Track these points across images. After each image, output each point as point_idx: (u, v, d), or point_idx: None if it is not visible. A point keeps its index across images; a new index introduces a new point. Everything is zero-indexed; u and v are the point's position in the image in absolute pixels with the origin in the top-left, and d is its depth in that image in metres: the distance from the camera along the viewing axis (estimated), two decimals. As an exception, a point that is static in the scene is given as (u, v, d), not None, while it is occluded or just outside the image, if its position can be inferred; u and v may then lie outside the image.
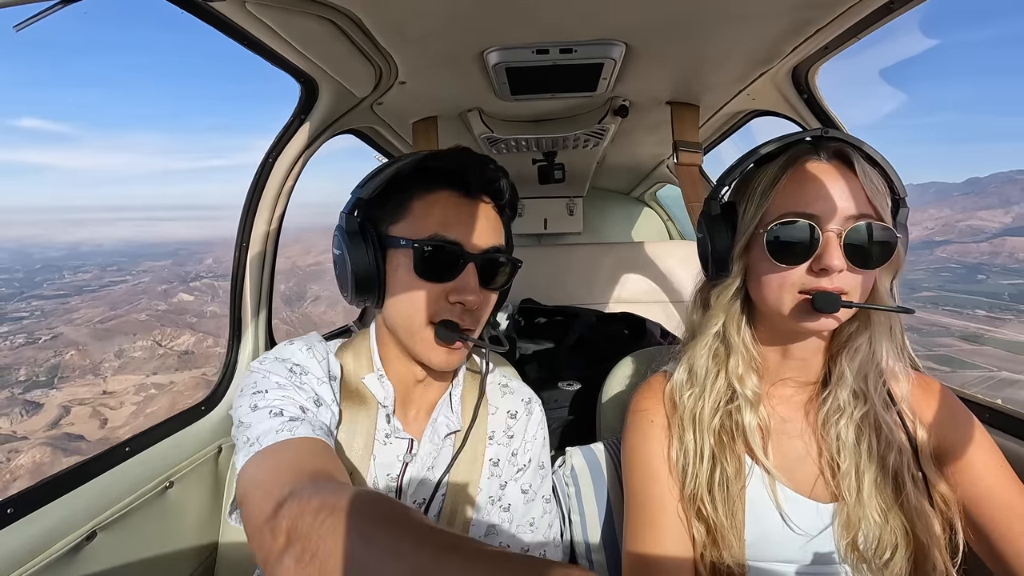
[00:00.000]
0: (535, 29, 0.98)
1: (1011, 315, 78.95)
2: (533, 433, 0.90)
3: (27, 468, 43.64)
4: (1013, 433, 0.93)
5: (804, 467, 0.78)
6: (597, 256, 2.76)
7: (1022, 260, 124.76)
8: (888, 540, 0.71)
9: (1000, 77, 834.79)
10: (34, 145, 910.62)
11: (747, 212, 0.74)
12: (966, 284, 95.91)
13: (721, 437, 0.77)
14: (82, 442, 47.58)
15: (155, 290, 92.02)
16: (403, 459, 0.80)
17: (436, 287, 0.73)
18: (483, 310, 0.77)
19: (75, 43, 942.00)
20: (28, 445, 47.09)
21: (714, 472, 0.76)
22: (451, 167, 0.75)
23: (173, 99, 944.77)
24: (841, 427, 0.75)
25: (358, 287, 0.74)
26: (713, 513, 0.75)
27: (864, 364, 0.74)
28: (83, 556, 0.86)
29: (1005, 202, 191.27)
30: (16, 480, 41.66)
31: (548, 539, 0.89)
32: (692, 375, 0.81)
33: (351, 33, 0.95)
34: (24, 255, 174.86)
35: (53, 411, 55.12)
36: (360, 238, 0.73)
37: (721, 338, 0.80)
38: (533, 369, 1.96)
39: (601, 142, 1.77)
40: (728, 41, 1.06)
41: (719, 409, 0.78)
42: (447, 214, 0.74)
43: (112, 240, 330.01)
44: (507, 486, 0.87)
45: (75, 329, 79.39)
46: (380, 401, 0.79)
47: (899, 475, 0.73)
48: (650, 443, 0.82)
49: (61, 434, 49.88)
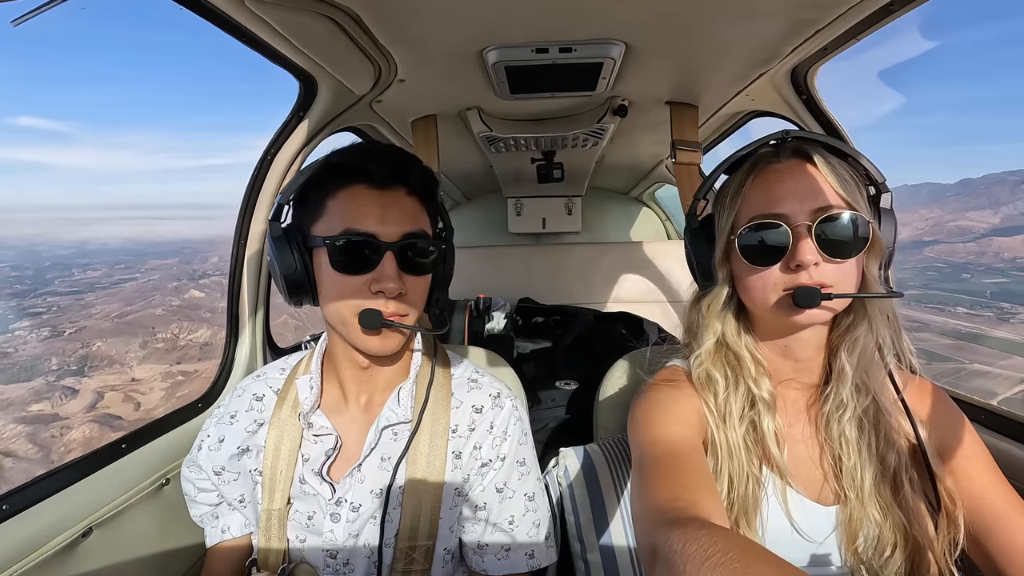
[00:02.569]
0: (535, 28, 0.98)
1: (990, 312, 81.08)
2: (503, 428, 0.89)
3: (79, 441, 48.36)
4: (1007, 434, 0.93)
5: (809, 471, 0.78)
6: (595, 256, 2.76)
7: (1007, 260, 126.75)
8: (887, 539, 0.72)
9: (996, 77, 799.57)
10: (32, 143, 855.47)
11: (721, 221, 0.77)
12: (951, 283, 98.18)
13: (746, 442, 0.77)
14: (123, 421, 52.10)
15: (167, 287, 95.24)
16: (328, 454, 0.84)
17: (357, 279, 0.76)
18: (412, 295, 0.79)
19: (73, 40, 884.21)
20: (76, 422, 52.07)
21: (737, 469, 0.76)
22: (355, 161, 0.78)
23: (171, 97, 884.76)
24: (844, 423, 0.75)
25: (289, 289, 0.79)
26: (733, 495, 0.75)
27: (864, 355, 0.74)
28: (79, 553, 0.86)
29: (994, 203, 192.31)
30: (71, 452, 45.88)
31: (535, 539, 0.88)
32: (713, 380, 0.80)
33: (350, 31, 0.95)
34: (32, 253, 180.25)
35: (89, 396, 59.01)
36: (284, 242, 0.77)
37: (725, 346, 0.80)
38: (531, 368, 1.96)
39: (600, 141, 1.77)
40: (728, 41, 1.06)
41: (744, 418, 0.78)
42: (358, 207, 0.76)
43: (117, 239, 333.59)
44: (471, 480, 0.87)
45: (97, 323, 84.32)
46: (301, 402, 0.85)
47: (897, 475, 0.74)
48: (679, 404, 0.79)
49: (102, 414, 54.42)
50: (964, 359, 55.04)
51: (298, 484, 0.83)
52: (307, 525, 0.83)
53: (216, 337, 73.54)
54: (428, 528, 0.82)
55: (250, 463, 0.87)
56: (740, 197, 0.74)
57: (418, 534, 0.81)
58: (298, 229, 0.79)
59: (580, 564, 0.97)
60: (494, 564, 0.86)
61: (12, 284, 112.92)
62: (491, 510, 0.87)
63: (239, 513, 0.92)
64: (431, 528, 0.82)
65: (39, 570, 0.79)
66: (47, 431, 51.14)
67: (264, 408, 0.89)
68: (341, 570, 0.82)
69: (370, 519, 0.82)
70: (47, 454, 47.35)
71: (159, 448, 1.07)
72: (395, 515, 0.82)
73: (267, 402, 0.90)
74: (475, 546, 0.87)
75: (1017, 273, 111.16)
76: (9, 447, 49.03)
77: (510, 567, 0.87)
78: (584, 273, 2.73)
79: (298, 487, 0.83)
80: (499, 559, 0.86)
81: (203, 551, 0.95)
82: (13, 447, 49.01)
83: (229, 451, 0.87)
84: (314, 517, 0.83)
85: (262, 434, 0.87)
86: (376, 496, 0.82)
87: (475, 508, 0.86)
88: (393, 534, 0.82)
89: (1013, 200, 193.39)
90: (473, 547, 0.87)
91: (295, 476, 0.84)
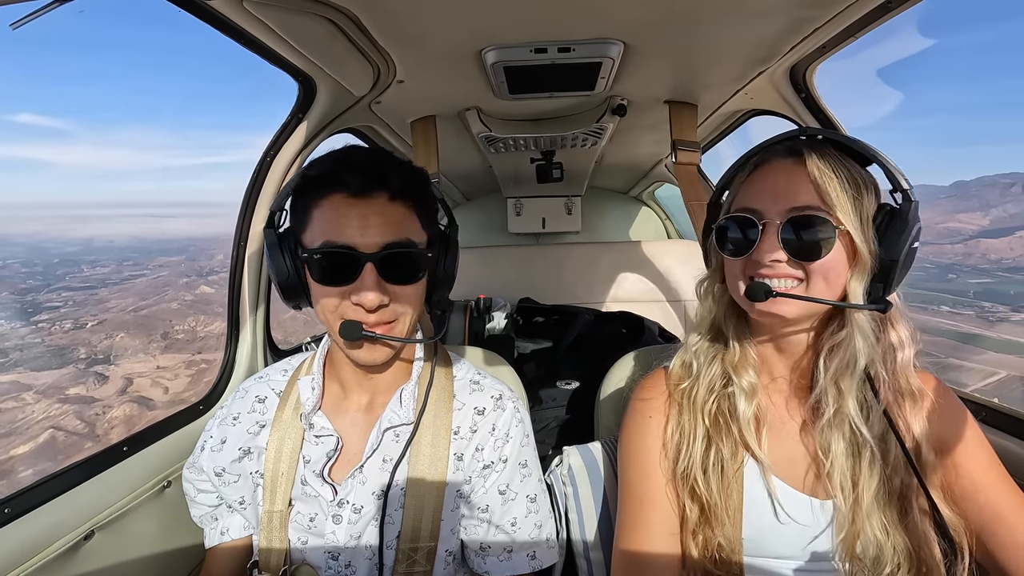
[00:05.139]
0: (533, 28, 0.98)
1: (971, 311, 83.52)
2: (505, 430, 0.88)
3: (120, 419, 52.50)
4: (1010, 432, 0.93)
5: (800, 464, 0.78)
6: (595, 255, 2.76)
7: (992, 261, 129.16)
8: (888, 557, 0.71)
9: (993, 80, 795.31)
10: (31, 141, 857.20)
11: (721, 211, 0.80)
12: (937, 283, 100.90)
13: (717, 419, 0.79)
14: (155, 402, 55.59)
15: (177, 283, 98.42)
16: (329, 455, 0.84)
17: (338, 290, 0.75)
18: (399, 304, 0.78)
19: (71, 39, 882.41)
20: (116, 403, 56.54)
21: (708, 452, 0.77)
22: (331, 170, 0.75)
23: (170, 96, 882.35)
24: (822, 425, 0.75)
25: (284, 294, 0.80)
26: (707, 492, 0.76)
27: (845, 362, 0.72)
28: (81, 556, 0.86)
29: (984, 205, 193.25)
30: (114, 428, 51.24)
31: (537, 540, 0.89)
32: (689, 362, 0.84)
33: (349, 32, 0.95)
34: (40, 250, 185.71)
35: (119, 381, 62.80)
36: (278, 249, 0.77)
37: (716, 329, 0.84)
38: (531, 368, 1.96)
39: (599, 141, 1.77)
40: (726, 40, 1.06)
41: (714, 391, 0.80)
42: (337, 218, 0.74)
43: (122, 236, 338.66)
44: (473, 482, 0.86)
45: (117, 316, 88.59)
46: (303, 402, 0.84)
47: (905, 497, 0.73)
48: (647, 439, 0.83)
49: (137, 396, 58.11)
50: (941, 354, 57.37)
51: (299, 486, 0.83)
52: (309, 527, 0.83)
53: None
54: (430, 529, 0.82)
55: (251, 465, 0.87)
56: (733, 189, 0.78)
57: (420, 536, 0.81)
58: (292, 236, 0.79)
59: (582, 563, 0.97)
60: (496, 565, 0.86)
61: (25, 279, 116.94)
62: (493, 512, 0.86)
63: (239, 515, 0.92)
64: (433, 529, 0.82)
65: (41, 573, 0.80)
66: (90, 410, 55.26)
67: (266, 410, 0.89)
68: (343, 572, 0.82)
69: (372, 520, 0.82)
70: (93, 429, 51.35)
71: (160, 450, 1.07)
72: (397, 517, 0.82)
73: (269, 404, 0.90)
74: (477, 547, 0.87)
75: (1002, 274, 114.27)
76: (61, 423, 53.71)
77: (512, 568, 0.87)
78: (584, 273, 2.73)
79: (299, 488, 0.83)
80: (501, 560, 0.86)
81: (205, 552, 0.95)
82: (64, 423, 53.70)
83: (231, 452, 0.87)
84: (316, 519, 0.83)
85: (264, 436, 0.87)
86: (378, 498, 0.82)
87: (477, 510, 0.86)
88: (395, 536, 0.82)
89: (1002, 202, 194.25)
90: (475, 548, 0.87)
91: (296, 478, 0.84)
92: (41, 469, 44.72)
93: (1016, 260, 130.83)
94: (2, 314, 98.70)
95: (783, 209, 0.70)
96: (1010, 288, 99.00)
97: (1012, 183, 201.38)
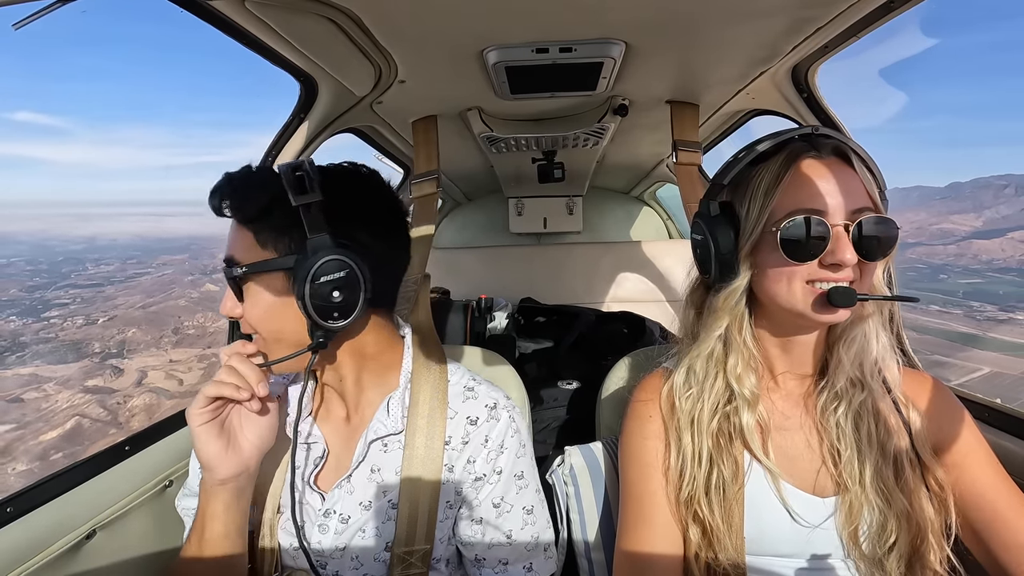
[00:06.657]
0: (535, 28, 0.98)
1: (959, 310, 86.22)
2: (499, 442, 0.84)
3: (140, 407, 55.87)
4: (1009, 431, 0.93)
5: (806, 461, 0.78)
6: (597, 255, 2.76)
7: (983, 261, 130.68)
8: (890, 525, 0.72)
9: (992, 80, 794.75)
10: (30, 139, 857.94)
11: (751, 212, 0.73)
12: (928, 283, 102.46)
13: (719, 439, 0.77)
14: (172, 392, 58.08)
15: (183, 280, 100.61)
16: (316, 462, 0.84)
17: None
18: (254, 326, 0.77)
19: (71, 37, 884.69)
20: (134, 393, 59.19)
21: (711, 474, 0.76)
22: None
23: (172, 93, 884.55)
24: (840, 415, 0.76)
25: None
26: (710, 516, 0.75)
27: (860, 353, 0.75)
28: (83, 555, 0.86)
29: (978, 207, 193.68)
30: (135, 416, 53.93)
31: (533, 552, 0.86)
32: (691, 377, 0.81)
33: (351, 32, 0.95)
34: (45, 248, 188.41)
35: (133, 374, 65.02)
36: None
37: (723, 340, 0.79)
38: (532, 368, 1.96)
39: (601, 141, 1.77)
40: (728, 40, 1.06)
41: (718, 411, 0.78)
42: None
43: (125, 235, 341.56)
44: (465, 494, 0.84)
45: (127, 312, 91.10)
46: (289, 410, 0.84)
47: (899, 460, 0.74)
48: (647, 440, 0.82)
49: (153, 387, 60.82)
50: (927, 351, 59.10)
51: (287, 492, 0.81)
52: (297, 534, 0.81)
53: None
54: (424, 538, 0.80)
55: None
56: (778, 188, 0.71)
57: (414, 545, 0.80)
58: None
59: (584, 563, 0.97)
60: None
61: (32, 277, 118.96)
62: (488, 524, 0.84)
63: None
64: (427, 538, 0.80)
65: (43, 572, 0.80)
66: (111, 399, 58.01)
67: None
68: None
69: (359, 531, 0.81)
70: (116, 416, 54.57)
71: (162, 450, 1.07)
72: (385, 528, 0.81)
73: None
74: (472, 559, 0.86)
75: (991, 274, 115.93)
76: (85, 411, 57.39)
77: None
78: (585, 273, 2.73)
79: (288, 495, 0.81)
80: (496, 572, 0.85)
81: None
82: (88, 411, 57.41)
83: None
84: (304, 526, 0.81)
85: None
86: (365, 508, 0.81)
87: (471, 522, 0.84)
88: (383, 547, 0.80)
89: (995, 204, 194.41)
90: (470, 560, 0.86)
91: (285, 484, 0.82)
92: (71, 452, 46.03)
93: (1007, 261, 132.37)
94: (13, 310, 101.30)
95: (849, 211, 0.69)
96: (999, 288, 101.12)
97: (1006, 184, 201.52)
